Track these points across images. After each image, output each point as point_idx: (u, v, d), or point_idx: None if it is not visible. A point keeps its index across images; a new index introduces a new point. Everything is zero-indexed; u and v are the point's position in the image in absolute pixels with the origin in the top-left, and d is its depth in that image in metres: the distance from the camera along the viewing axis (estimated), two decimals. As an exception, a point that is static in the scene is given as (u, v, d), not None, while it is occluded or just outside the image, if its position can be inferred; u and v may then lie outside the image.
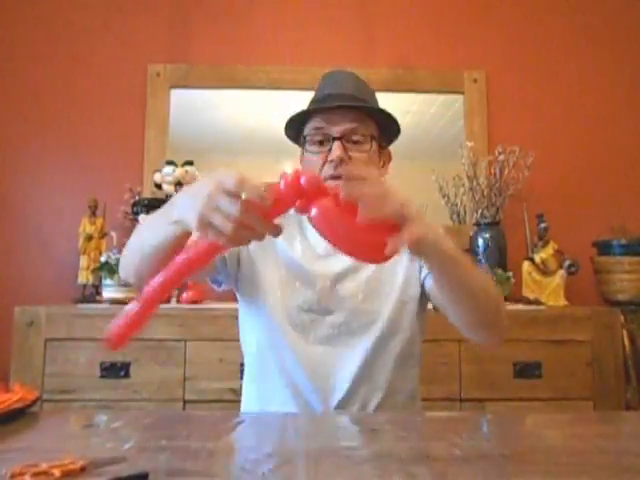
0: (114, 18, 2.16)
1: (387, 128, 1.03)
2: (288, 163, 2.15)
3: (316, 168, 0.96)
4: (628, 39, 2.25)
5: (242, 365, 1.09)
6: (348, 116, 0.96)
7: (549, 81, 2.22)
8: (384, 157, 1.05)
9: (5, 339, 1.61)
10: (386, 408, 0.93)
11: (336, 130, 0.96)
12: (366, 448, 0.63)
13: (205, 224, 0.61)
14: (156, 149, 2.09)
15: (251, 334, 1.01)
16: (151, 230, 0.82)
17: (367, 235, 0.62)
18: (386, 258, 0.62)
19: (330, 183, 0.91)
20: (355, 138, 0.96)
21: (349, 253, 0.65)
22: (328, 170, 0.94)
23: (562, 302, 1.84)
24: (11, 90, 2.12)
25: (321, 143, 0.97)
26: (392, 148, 1.08)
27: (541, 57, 2.23)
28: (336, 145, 0.94)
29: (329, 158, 0.94)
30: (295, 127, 1.03)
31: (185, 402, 1.56)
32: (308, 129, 1.00)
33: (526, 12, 2.24)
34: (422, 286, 1.00)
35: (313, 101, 1.02)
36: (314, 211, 0.61)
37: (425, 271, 0.99)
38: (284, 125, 1.03)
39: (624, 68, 2.23)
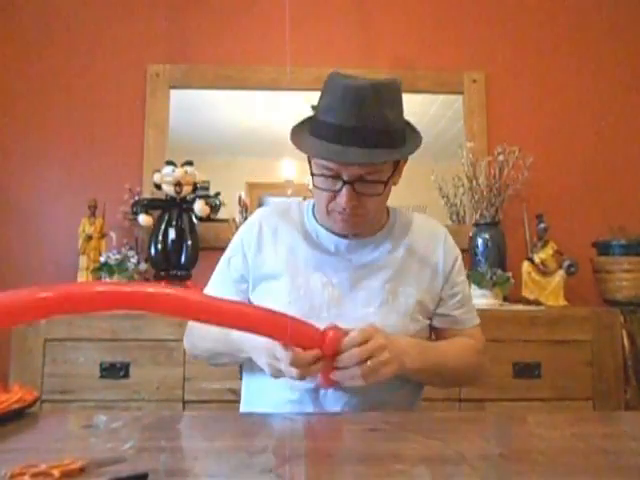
0: (114, 18, 2.16)
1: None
2: (287, 163, 2.15)
3: (323, 201, 0.93)
4: (627, 40, 2.25)
5: (241, 365, 1.09)
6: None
7: (549, 82, 2.22)
8: (399, 170, 0.97)
9: (5, 339, 1.61)
10: (385, 407, 0.93)
11: (347, 174, 0.88)
12: (366, 448, 0.63)
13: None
14: (155, 149, 2.09)
15: None
16: (223, 351, 0.98)
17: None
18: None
19: (336, 217, 0.94)
20: (368, 178, 0.89)
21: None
22: (336, 207, 0.91)
23: (562, 302, 1.84)
24: (11, 90, 2.12)
25: (331, 177, 0.90)
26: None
27: (540, 58, 2.23)
28: (346, 191, 0.88)
29: (338, 199, 0.90)
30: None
31: (185, 402, 1.56)
32: (317, 164, 0.91)
33: (526, 13, 2.24)
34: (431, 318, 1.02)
35: (321, 123, 0.89)
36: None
37: (439, 309, 1.02)
38: (290, 138, 0.94)
39: (624, 68, 2.23)
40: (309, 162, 0.95)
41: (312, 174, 0.93)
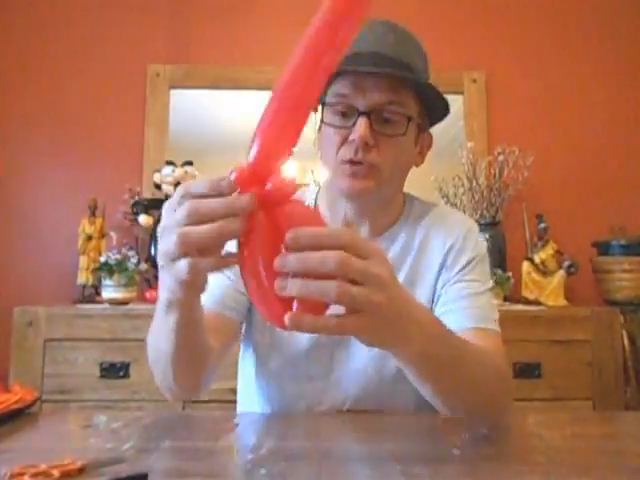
0: (114, 18, 2.16)
1: (432, 105, 0.83)
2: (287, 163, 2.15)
3: (334, 146, 0.78)
4: (627, 40, 2.25)
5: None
6: (382, 85, 0.76)
7: (549, 81, 2.22)
8: (423, 142, 0.86)
9: (5, 339, 1.61)
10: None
11: (364, 102, 0.76)
12: (366, 448, 0.63)
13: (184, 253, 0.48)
14: (156, 149, 2.09)
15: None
16: (158, 336, 0.66)
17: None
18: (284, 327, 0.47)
19: (345, 169, 0.77)
20: (387, 115, 0.76)
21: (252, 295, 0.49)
22: (346, 153, 0.76)
23: (562, 302, 1.84)
24: (11, 90, 2.12)
25: (344, 114, 0.77)
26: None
27: (541, 57, 2.23)
28: (361, 122, 0.74)
29: (350, 137, 0.76)
30: None
31: (185, 402, 1.56)
32: (330, 94, 0.79)
33: (526, 12, 2.24)
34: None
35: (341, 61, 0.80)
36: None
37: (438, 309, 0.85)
38: None
39: (624, 68, 2.23)
40: (321, 110, 0.81)
41: (323, 119, 0.80)
